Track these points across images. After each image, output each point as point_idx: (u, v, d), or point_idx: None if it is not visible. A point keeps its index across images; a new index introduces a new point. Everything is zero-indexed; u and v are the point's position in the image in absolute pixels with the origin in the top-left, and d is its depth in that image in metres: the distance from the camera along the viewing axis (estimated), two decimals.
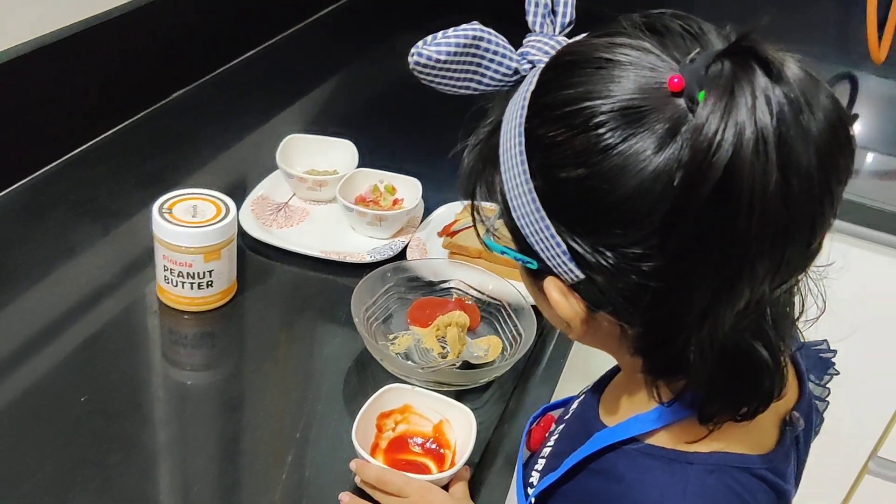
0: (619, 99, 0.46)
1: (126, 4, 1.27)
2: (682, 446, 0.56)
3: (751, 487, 0.55)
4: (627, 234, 0.47)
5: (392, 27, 1.82)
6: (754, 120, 0.43)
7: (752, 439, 0.57)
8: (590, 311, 0.53)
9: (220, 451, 0.83)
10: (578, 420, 0.67)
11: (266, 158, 1.22)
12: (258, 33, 1.64)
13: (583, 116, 0.47)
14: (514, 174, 0.51)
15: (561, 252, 0.51)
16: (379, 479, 0.77)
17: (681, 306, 0.48)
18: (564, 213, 0.50)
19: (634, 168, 0.46)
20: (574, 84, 0.49)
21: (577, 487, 0.60)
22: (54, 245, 1.06)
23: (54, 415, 0.84)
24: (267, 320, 1.01)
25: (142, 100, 1.37)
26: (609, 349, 0.59)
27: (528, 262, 0.54)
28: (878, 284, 1.42)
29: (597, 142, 0.47)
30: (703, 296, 0.47)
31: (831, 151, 0.45)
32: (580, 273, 0.51)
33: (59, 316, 0.96)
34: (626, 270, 0.48)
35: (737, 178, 0.43)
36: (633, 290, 0.49)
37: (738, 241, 0.44)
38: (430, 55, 0.51)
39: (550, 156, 0.49)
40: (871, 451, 1.61)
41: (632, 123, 0.46)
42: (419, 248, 1.11)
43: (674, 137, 0.45)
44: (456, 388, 0.92)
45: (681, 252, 0.46)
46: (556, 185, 0.49)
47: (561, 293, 0.53)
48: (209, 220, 0.95)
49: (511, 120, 0.52)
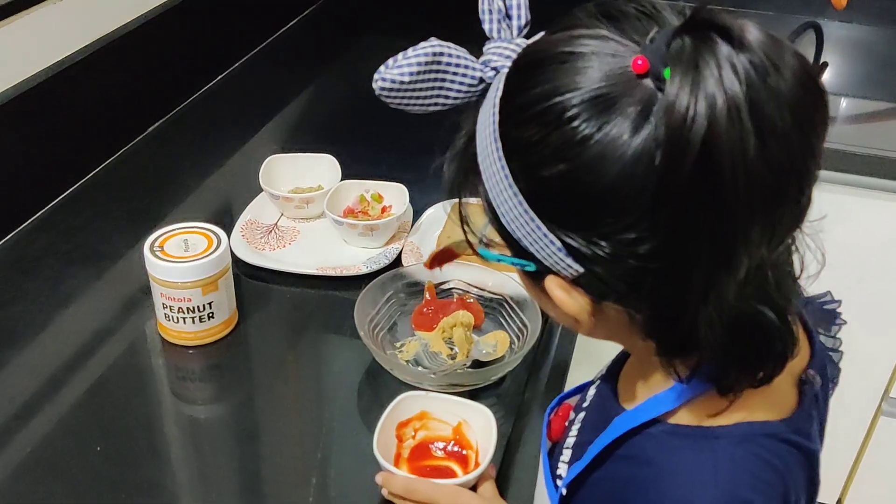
0: (588, 89, 0.47)
1: (88, 47, 1.26)
2: (705, 422, 0.56)
3: (779, 452, 0.55)
4: (618, 220, 0.47)
5: (354, 33, 1.81)
6: (723, 89, 0.43)
7: (772, 405, 0.57)
8: (595, 303, 0.53)
9: (243, 484, 0.83)
10: (598, 409, 0.67)
11: (249, 182, 1.21)
12: (224, 59, 1.63)
13: (554, 112, 0.47)
14: (496, 181, 0.51)
15: (556, 250, 0.50)
16: (407, 489, 0.77)
17: (683, 284, 0.48)
18: (553, 211, 0.50)
19: (614, 154, 0.46)
20: (540, 82, 0.49)
21: (606, 475, 0.60)
22: (50, 296, 1.06)
23: (71, 467, 0.84)
24: (272, 344, 1.01)
25: (118, 138, 1.36)
26: (619, 338, 0.59)
27: (525, 266, 0.54)
28: (870, 229, 1.42)
29: (572, 135, 0.47)
30: (702, 270, 0.47)
31: (805, 108, 0.46)
32: (579, 267, 0.50)
33: (64, 366, 0.96)
34: (624, 257, 0.48)
35: (715, 148, 0.43)
36: (634, 275, 0.49)
37: (727, 210, 0.45)
38: (394, 78, 0.51)
39: (529, 156, 0.49)
40: (882, 393, 1.63)
41: (604, 112, 0.46)
42: (414, 252, 1.11)
43: (647, 118, 0.45)
44: (470, 387, 0.92)
45: (673, 230, 0.46)
46: (540, 185, 0.49)
47: (564, 290, 0.53)
48: (202, 253, 0.94)
49: (485, 128, 0.52)
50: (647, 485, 0.56)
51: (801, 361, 0.61)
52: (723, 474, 0.53)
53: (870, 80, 1.64)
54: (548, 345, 1.01)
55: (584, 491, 0.62)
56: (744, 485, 0.54)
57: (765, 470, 0.54)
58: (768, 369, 0.54)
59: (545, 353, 1.00)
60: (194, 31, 1.52)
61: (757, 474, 0.54)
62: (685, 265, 0.47)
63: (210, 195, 1.28)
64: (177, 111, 1.48)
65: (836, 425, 1.15)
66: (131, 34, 1.34)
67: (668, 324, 0.51)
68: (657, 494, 0.55)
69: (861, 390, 1.63)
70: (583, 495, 0.62)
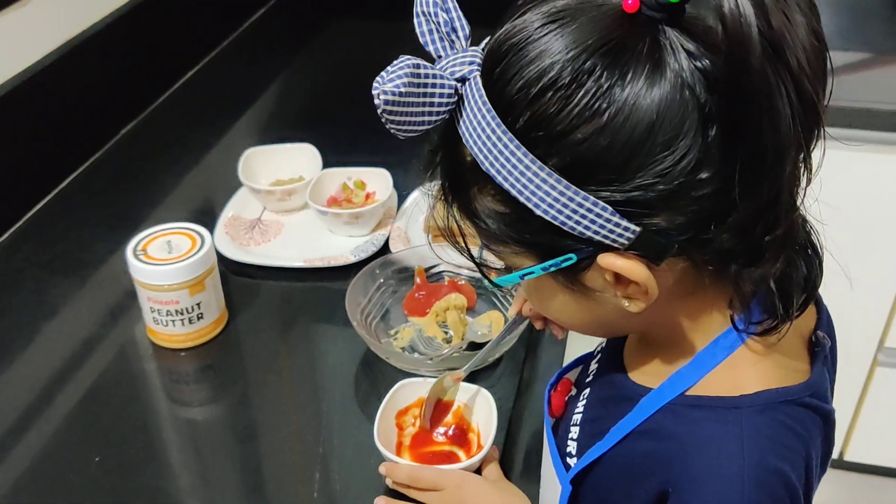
0: (590, 42, 0.46)
1: (53, 52, 1.24)
2: (725, 392, 0.55)
3: (800, 418, 0.55)
4: (673, 150, 0.46)
5: (321, 18, 1.79)
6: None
7: (787, 369, 0.57)
8: (653, 266, 0.51)
9: (245, 484, 0.82)
10: (608, 385, 0.66)
11: (229, 177, 1.20)
12: (193, 55, 1.60)
13: (569, 74, 0.47)
14: (520, 173, 0.49)
15: (610, 214, 0.48)
16: (411, 478, 0.76)
17: (774, 177, 0.47)
18: (598, 172, 0.48)
19: (646, 91, 0.46)
20: (536, 56, 0.48)
21: (624, 452, 0.59)
22: (35, 308, 1.04)
23: (71, 479, 0.82)
24: (264, 341, 1.00)
25: (91, 143, 1.33)
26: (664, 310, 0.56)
27: (565, 261, 0.51)
28: (854, 181, 1.42)
29: (597, 87, 0.46)
30: (788, 152, 0.47)
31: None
32: (635, 227, 0.48)
33: (56, 378, 0.94)
34: (688, 187, 0.47)
35: (775, 29, 0.44)
36: (702, 205, 0.48)
37: (799, 81, 0.45)
38: (393, 90, 0.49)
39: (554, 128, 0.47)
40: (878, 344, 1.63)
41: (618, 56, 0.46)
42: (401, 238, 1.10)
43: (661, 48, 0.46)
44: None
45: (756, 126, 0.45)
46: (576, 151, 0.47)
47: (625, 259, 0.50)
48: (186, 254, 0.93)
49: (481, 134, 0.50)
50: (672, 458, 0.55)
51: (809, 322, 0.61)
52: (749, 443, 0.53)
53: (843, 32, 1.63)
54: None
55: (599, 468, 0.61)
56: (770, 453, 0.53)
57: (788, 436, 0.54)
58: (802, 297, 0.55)
59: (541, 330, 0.99)
60: (161, 29, 1.49)
61: (781, 441, 0.54)
62: (775, 156, 0.46)
63: (190, 194, 1.26)
64: (149, 112, 1.46)
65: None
66: (95, 37, 1.31)
67: (767, 229, 0.49)
68: (683, 467, 0.54)
69: (856, 342, 1.63)
70: (597, 472, 0.61)
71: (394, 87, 0.48)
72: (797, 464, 0.54)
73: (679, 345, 0.58)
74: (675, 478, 0.55)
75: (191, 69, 1.59)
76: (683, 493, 0.54)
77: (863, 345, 1.64)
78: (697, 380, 0.56)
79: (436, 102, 0.51)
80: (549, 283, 0.55)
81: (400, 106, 0.49)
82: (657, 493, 0.56)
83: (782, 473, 0.53)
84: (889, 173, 1.42)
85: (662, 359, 0.60)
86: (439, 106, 0.51)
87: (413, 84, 0.49)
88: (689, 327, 0.57)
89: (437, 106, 0.51)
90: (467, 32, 0.55)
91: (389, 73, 0.49)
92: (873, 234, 1.49)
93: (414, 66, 0.49)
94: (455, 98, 0.51)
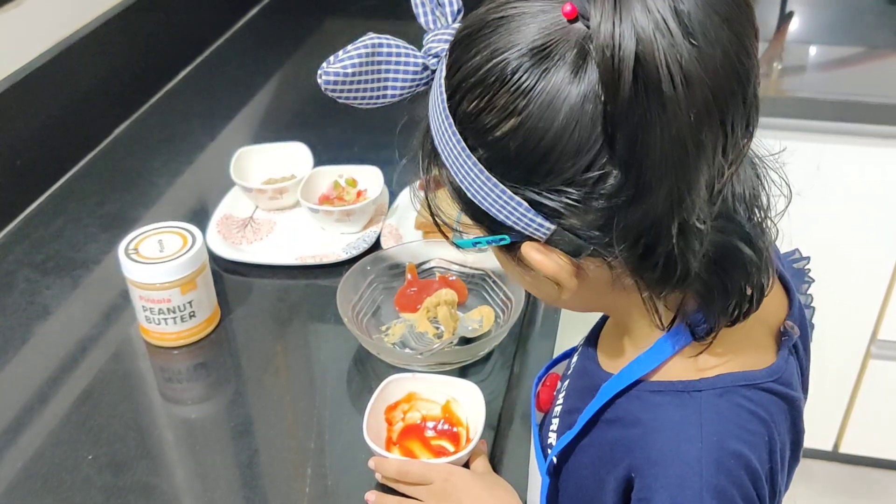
0: (524, 44, 0.48)
1: (46, 53, 1.24)
2: (686, 376, 0.56)
3: (761, 401, 0.56)
4: (577, 162, 0.48)
5: (315, 18, 1.79)
6: (645, 5, 0.44)
7: (752, 356, 0.57)
8: (573, 261, 0.53)
9: (238, 479, 0.83)
10: (581, 374, 0.67)
11: (221, 176, 1.20)
12: (186, 55, 1.61)
13: (496, 73, 0.49)
14: (454, 156, 0.52)
15: (525, 210, 0.51)
16: (399, 472, 0.77)
17: (651, 208, 0.48)
18: (514, 170, 0.50)
19: (561, 98, 0.47)
20: (479, 51, 0.50)
21: (595, 441, 0.60)
22: (28, 309, 1.05)
23: (64, 478, 0.83)
24: (257, 338, 1.00)
25: (85, 144, 1.34)
26: (600, 299, 0.59)
27: (501, 240, 0.54)
28: (844, 175, 1.43)
29: (517, 88, 0.48)
30: (666, 186, 0.47)
31: (731, 8, 0.47)
32: (550, 224, 0.51)
33: (49, 378, 0.95)
34: (591, 198, 0.49)
35: (649, 60, 0.44)
36: (605, 216, 0.49)
37: (675, 118, 0.45)
38: (337, 72, 0.53)
39: (480, 122, 0.50)
40: (870, 337, 1.64)
41: (543, 60, 0.47)
42: (393, 234, 1.10)
43: (585, 58, 0.46)
44: (458, 365, 0.92)
45: (630, 155, 0.47)
46: (496, 147, 0.50)
47: (540, 252, 0.53)
48: (178, 252, 0.93)
49: (435, 110, 0.53)
50: (635, 444, 0.56)
51: (777, 315, 0.61)
52: (708, 427, 0.54)
53: (836, 27, 1.64)
54: (533, 316, 1.01)
55: (574, 459, 0.62)
56: (730, 436, 0.54)
57: (749, 420, 0.55)
58: (746, 304, 0.54)
59: (531, 325, 1.00)
60: (154, 30, 1.50)
61: (742, 424, 0.54)
62: (648, 188, 0.47)
63: (182, 194, 1.26)
64: (141, 112, 1.46)
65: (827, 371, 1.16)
66: (88, 37, 1.32)
67: (648, 255, 0.51)
68: (643, 452, 0.55)
69: (849, 335, 1.64)
70: (572, 463, 0.62)
71: (340, 68, 0.53)
72: (759, 447, 0.55)
73: (638, 332, 0.59)
74: (638, 462, 0.56)
75: (183, 69, 1.59)
76: (646, 478, 0.55)
77: (856, 337, 1.65)
78: (655, 366, 0.57)
79: (399, 79, 0.55)
80: (500, 254, 0.58)
81: (348, 85, 0.54)
82: (624, 479, 0.57)
83: (742, 456, 0.54)
84: (882, 166, 1.42)
85: (626, 346, 0.61)
86: (403, 82, 0.56)
87: (367, 62, 0.53)
88: (640, 317, 0.58)
89: (401, 82, 0.56)
90: (455, 9, 0.58)
91: (343, 54, 0.53)
92: (866, 227, 1.49)
93: (374, 45, 0.53)
94: (425, 73, 0.56)
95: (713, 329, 0.55)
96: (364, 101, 0.58)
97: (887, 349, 1.64)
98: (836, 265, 1.45)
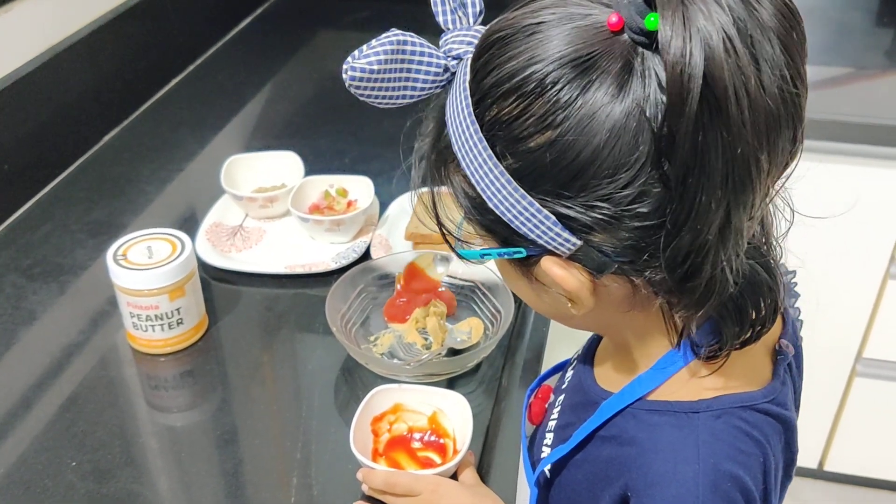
0: (565, 53, 0.46)
1: (37, 58, 1.24)
2: (684, 397, 0.56)
3: (757, 423, 0.56)
4: (616, 178, 0.46)
5: (308, 29, 1.80)
6: (714, 23, 0.43)
7: (748, 376, 0.57)
8: (594, 278, 0.52)
9: (223, 488, 0.82)
10: (578, 390, 0.66)
11: (211, 184, 1.20)
12: (178, 62, 1.61)
13: (534, 81, 0.47)
14: (478, 164, 0.50)
15: (552, 224, 0.49)
16: (386, 483, 0.76)
17: (706, 228, 0.47)
18: (545, 183, 0.49)
19: (603, 113, 0.45)
20: (513, 56, 0.48)
21: (588, 456, 0.60)
22: (14, 314, 1.04)
23: (46, 485, 0.82)
24: (245, 347, 1.00)
25: (74, 149, 1.33)
26: (611, 318, 0.57)
27: (515, 253, 0.53)
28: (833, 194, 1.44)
29: (556, 100, 0.46)
30: (723, 208, 0.46)
31: (787, 32, 0.46)
32: (576, 240, 0.50)
33: (34, 384, 0.94)
34: (626, 215, 0.48)
35: (718, 81, 0.43)
36: (638, 234, 0.48)
37: (738, 140, 0.44)
38: (364, 67, 0.50)
39: (512, 131, 0.48)
40: (855, 355, 1.65)
41: (586, 72, 0.46)
42: (383, 244, 1.10)
43: (631, 73, 0.45)
44: (446, 376, 0.91)
45: (685, 173, 0.45)
46: (529, 158, 0.48)
47: (562, 268, 0.52)
48: (167, 259, 0.93)
49: (456, 116, 0.51)
50: (631, 463, 0.56)
51: (773, 334, 0.61)
52: (704, 449, 0.54)
53: (825, 47, 1.65)
54: (522, 328, 1.01)
55: (567, 473, 0.62)
56: (725, 458, 0.54)
57: (744, 441, 0.55)
58: (759, 325, 0.54)
59: (520, 337, 1.00)
60: (145, 37, 1.49)
61: (737, 446, 0.54)
62: (706, 210, 0.46)
63: (172, 201, 1.26)
64: (133, 118, 1.46)
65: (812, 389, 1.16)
66: (79, 43, 1.31)
67: (689, 276, 0.49)
68: (640, 472, 0.55)
69: (835, 353, 1.65)
70: (565, 477, 0.62)
71: (366, 64, 0.50)
72: (754, 469, 0.54)
73: (640, 351, 0.59)
74: (634, 482, 0.55)
75: (175, 78, 1.59)
76: (642, 498, 0.55)
77: (841, 355, 1.65)
78: (656, 385, 0.57)
79: (420, 79, 0.53)
80: (508, 267, 0.56)
81: (373, 81, 0.51)
82: (620, 497, 0.56)
83: (738, 478, 0.53)
84: (868, 186, 1.43)
85: (626, 364, 0.61)
86: (423, 82, 0.53)
87: (392, 60, 0.50)
88: (649, 336, 0.58)
89: (422, 82, 0.53)
90: (478, 9, 0.56)
91: (368, 49, 0.50)
92: (851, 246, 1.50)
93: (399, 41, 0.50)
94: (445, 75, 0.53)
95: (722, 350, 0.54)
96: (385, 101, 0.55)
97: (873, 367, 1.65)
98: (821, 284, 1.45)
